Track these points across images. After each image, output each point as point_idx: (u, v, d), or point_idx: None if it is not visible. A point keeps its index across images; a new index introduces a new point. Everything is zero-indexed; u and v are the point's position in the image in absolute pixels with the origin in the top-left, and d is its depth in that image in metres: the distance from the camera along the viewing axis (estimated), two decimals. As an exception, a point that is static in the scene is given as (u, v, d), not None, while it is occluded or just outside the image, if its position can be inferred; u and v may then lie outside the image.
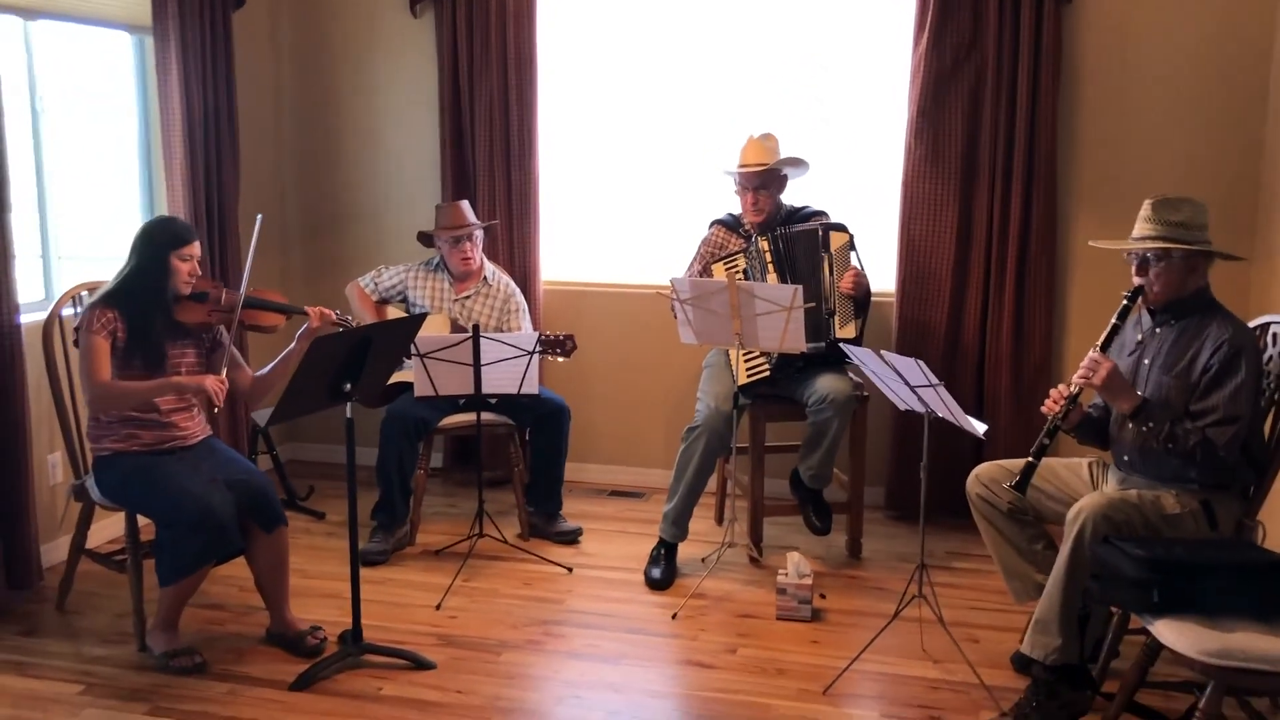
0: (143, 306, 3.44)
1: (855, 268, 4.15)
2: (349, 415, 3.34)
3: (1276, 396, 3.11)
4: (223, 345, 3.64)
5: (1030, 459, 3.17)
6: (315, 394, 3.24)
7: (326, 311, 3.72)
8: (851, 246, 4.19)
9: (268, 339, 4.38)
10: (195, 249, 3.53)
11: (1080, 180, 4.59)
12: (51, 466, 4.16)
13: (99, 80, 4.56)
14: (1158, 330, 3.15)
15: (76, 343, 3.45)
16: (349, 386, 3.26)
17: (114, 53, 4.61)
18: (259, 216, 3.65)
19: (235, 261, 4.81)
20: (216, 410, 3.52)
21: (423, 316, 3.59)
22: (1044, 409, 3.21)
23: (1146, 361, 3.14)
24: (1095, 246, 3.30)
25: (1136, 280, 3.12)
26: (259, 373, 3.74)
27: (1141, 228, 3.09)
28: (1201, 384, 2.98)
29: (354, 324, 3.84)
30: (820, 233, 4.16)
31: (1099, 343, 3.12)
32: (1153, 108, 4.47)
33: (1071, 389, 3.14)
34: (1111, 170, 4.54)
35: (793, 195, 4.39)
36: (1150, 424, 2.99)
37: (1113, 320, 3.14)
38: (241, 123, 4.88)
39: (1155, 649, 2.85)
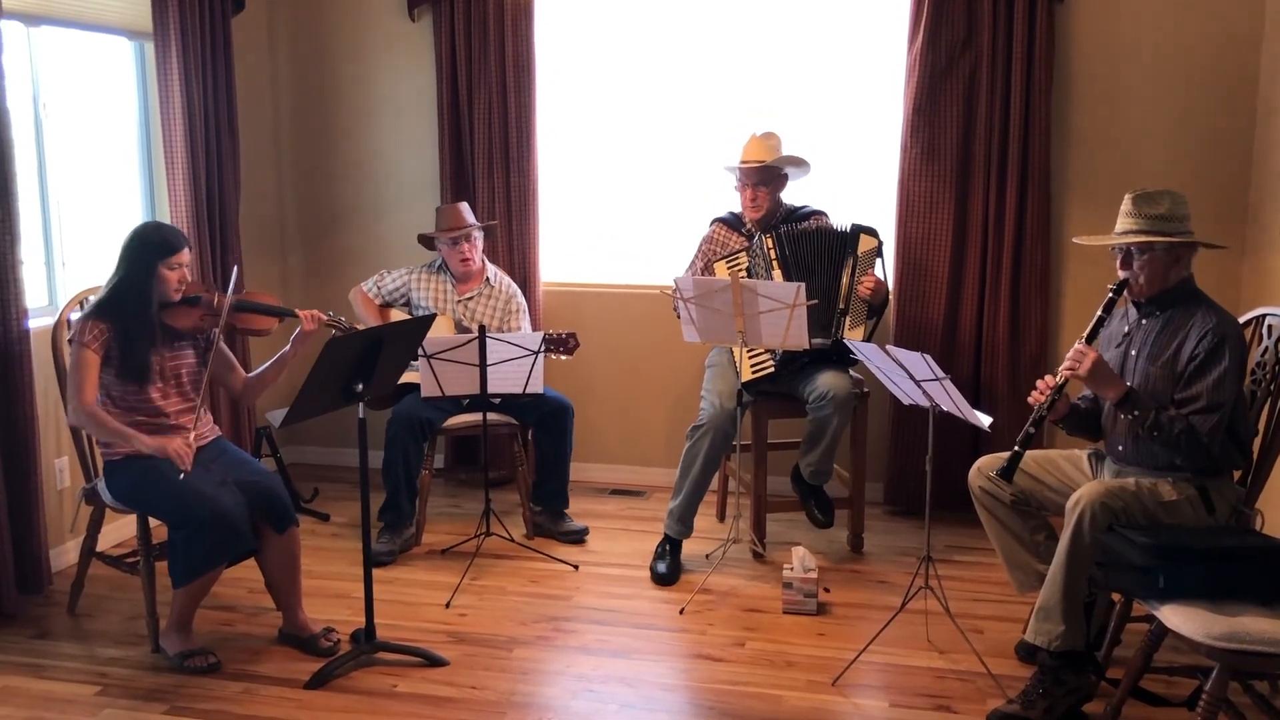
0: (130, 317, 3.43)
1: (877, 276, 4.20)
2: (361, 415, 3.37)
3: (1272, 387, 3.18)
4: (215, 347, 3.64)
5: (1016, 448, 3.21)
6: (329, 394, 3.27)
7: (318, 314, 3.72)
8: (878, 254, 4.23)
9: (264, 340, 4.41)
10: (184, 256, 3.51)
11: (1073, 175, 4.65)
12: (59, 471, 4.17)
13: (100, 86, 4.57)
14: (1143, 322, 3.20)
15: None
16: (361, 387, 3.29)
17: (115, 58, 4.62)
18: (235, 268, 3.75)
19: (236, 264, 4.82)
20: (182, 476, 3.33)
21: (432, 317, 3.62)
22: (1030, 400, 3.26)
23: (1133, 353, 3.19)
24: (1079, 243, 3.35)
25: (1121, 274, 3.17)
26: (251, 374, 3.77)
27: (1124, 222, 3.14)
28: (1186, 373, 3.04)
29: (348, 324, 3.86)
30: (850, 232, 4.21)
31: (1084, 334, 3.16)
32: (1144, 103, 4.54)
33: (1058, 380, 3.19)
34: (1104, 165, 4.61)
35: (792, 194, 4.45)
36: (1136, 412, 3.05)
37: (1098, 312, 3.18)
38: (241, 127, 4.91)
39: (1159, 635, 2.91)
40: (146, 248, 3.47)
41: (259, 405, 5.05)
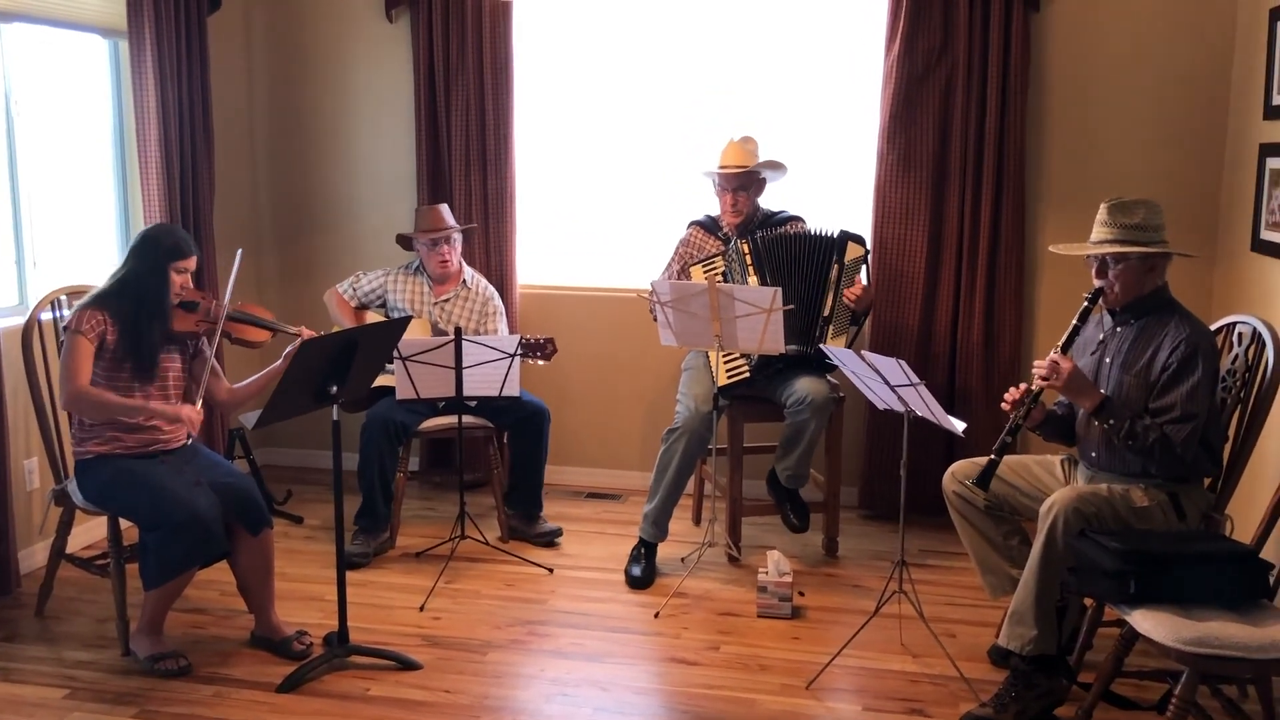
0: (138, 312, 3.43)
1: (863, 283, 4.21)
2: (335, 418, 3.35)
3: (1242, 394, 3.21)
4: (203, 354, 3.64)
5: (992, 456, 3.24)
6: (302, 397, 3.25)
7: (312, 334, 3.73)
8: (865, 261, 4.24)
9: (247, 352, 4.38)
10: (192, 263, 3.53)
11: (1048, 183, 4.69)
12: (28, 472, 4.12)
13: (73, 84, 4.53)
14: (1118, 329, 3.23)
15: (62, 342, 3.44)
16: (335, 389, 3.28)
17: (88, 56, 4.58)
18: (239, 251, 3.66)
19: (210, 265, 4.79)
20: (191, 439, 3.54)
21: (407, 319, 3.61)
22: (1003, 406, 3.29)
23: (1107, 360, 3.22)
24: (1056, 252, 3.37)
25: (1096, 282, 3.19)
26: (238, 385, 3.75)
27: (1099, 231, 3.16)
28: (1160, 382, 3.06)
29: None
30: (837, 239, 4.21)
31: (1060, 343, 3.19)
32: (1118, 113, 4.58)
33: (1033, 388, 3.21)
34: (1078, 173, 4.64)
35: (770, 199, 4.46)
36: (1111, 421, 3.07)
37: (1074, 322, 3.21)
38: (216, 126, 4.87)
39: (1130, 639, 2.93)
40: (159, 248, 3.48)
41: (233, 408, 5.01)
